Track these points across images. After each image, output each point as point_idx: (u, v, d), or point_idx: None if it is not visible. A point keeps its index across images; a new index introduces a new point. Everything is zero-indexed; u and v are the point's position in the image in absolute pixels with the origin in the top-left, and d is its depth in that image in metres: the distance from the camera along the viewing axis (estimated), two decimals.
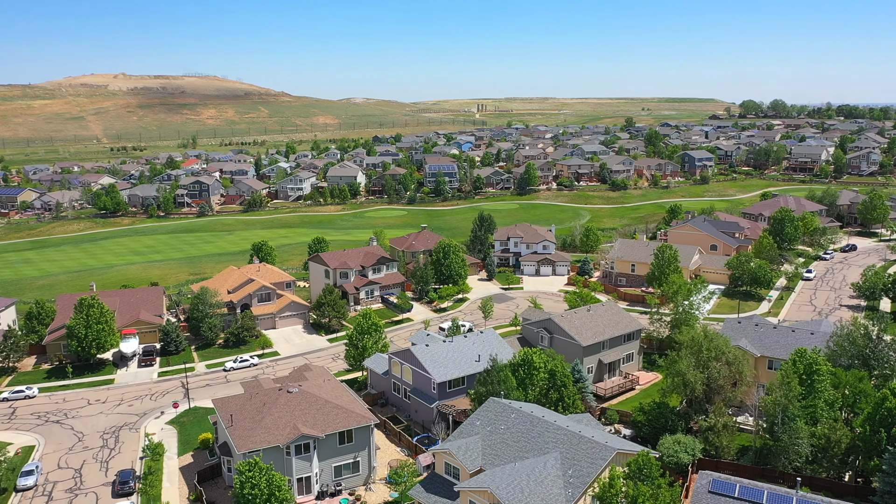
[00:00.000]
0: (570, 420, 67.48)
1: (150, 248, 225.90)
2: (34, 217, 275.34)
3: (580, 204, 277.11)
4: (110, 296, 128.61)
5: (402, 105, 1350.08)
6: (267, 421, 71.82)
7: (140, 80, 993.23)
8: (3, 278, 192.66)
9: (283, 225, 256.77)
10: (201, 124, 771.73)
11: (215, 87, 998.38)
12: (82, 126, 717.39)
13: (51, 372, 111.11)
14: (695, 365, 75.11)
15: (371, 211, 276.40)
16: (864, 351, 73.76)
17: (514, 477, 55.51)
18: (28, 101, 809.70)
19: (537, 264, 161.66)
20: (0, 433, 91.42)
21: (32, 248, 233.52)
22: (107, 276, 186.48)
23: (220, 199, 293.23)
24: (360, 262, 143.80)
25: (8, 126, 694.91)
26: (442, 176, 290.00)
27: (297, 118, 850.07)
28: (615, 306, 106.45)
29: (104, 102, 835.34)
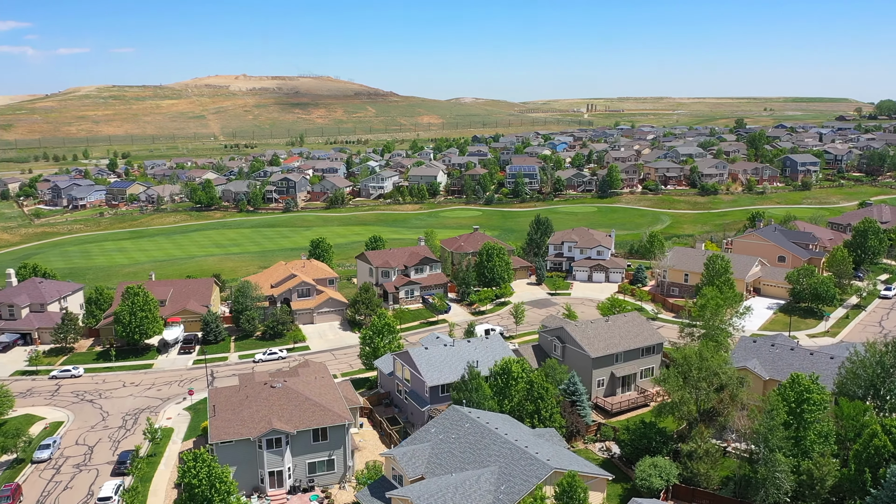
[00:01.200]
0: (531, 434, 65.26)
1: (232, 241, 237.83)
2: (138, 209, 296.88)
3: (663, 208, 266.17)
4: (164, 285, 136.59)
5: (510, 105, 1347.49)
6: (244, 413, 73.99)
7: (259, 81, 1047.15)
8: (97, 265, 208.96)
9: (359, 222, 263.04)
10: (311, 123, 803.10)
11: (327, 88, 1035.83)
12: (202, 124, 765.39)
13: (101, 354, 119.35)
14: (683, 385, 70.42)
15: (447, 211, 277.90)
16: (875, 381, 66.41)
17: (443, 489, 54.31)
18: (157, 100, 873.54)
19: (590, 270, 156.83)
20: (39, 408, 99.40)
21: (130, 237, 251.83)
22: (184, 266, 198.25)
23: (307, 195, 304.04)
24: (404, 262, 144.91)
25: (138, 124, 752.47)
26: (521, 177, 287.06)
27: (402, 117, 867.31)
28: (638, 318, 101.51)
29: (224, 102, 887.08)
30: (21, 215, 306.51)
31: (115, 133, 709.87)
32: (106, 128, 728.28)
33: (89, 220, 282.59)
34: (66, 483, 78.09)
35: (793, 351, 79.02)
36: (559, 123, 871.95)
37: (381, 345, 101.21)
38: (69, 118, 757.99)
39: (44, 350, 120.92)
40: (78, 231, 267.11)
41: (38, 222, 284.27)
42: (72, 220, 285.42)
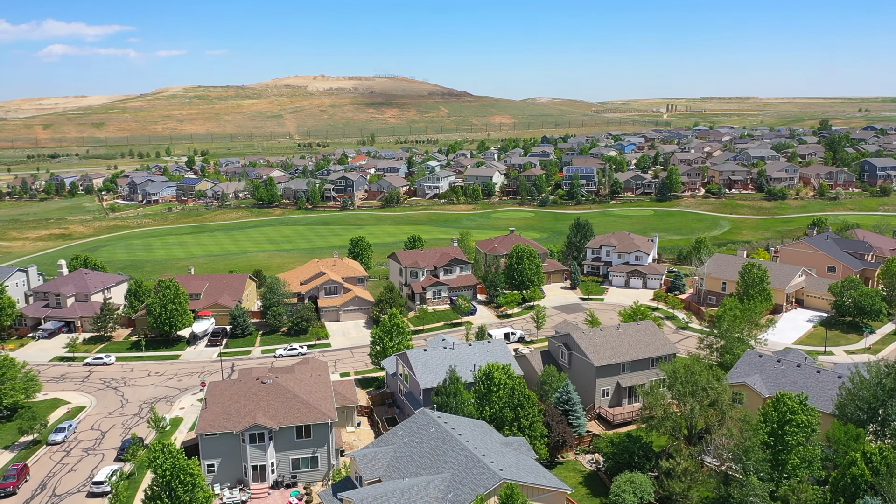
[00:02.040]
0: (499, 442, 64.05)
1: (286, 237, 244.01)
2: (203, 205, 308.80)
3: (724, 213, 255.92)
4: (201, 280, 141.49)
5: (587, 105, 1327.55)
6: (232, 408, 75.74)
7: (336, 81, 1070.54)
8: (156, 258, 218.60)
9: (410, 222, 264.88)
10: (383, 123, 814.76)
11: (402, 88, 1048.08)
12: (279, 124, 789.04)
13: (134, 344, 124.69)
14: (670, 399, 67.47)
15: (499, 211, 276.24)
16: (875, 404, 61.57)
17: (389, 493, 53.99)
18: (238, 100, 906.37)
19: (627, 275, 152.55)
20: (67, 393, 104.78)
21: (192, 232, 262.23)
22: (235, 261, 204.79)
23: (364, 194, 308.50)
24: (434, 263, 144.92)
25: (219, 123, 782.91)
26: (578, 179, 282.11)
27: (474, 117, 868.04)
28: (652, 327, 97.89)
29: (301, 102, 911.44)
30: (99, 209, 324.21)
31: (197, 131, 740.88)
32: (189, 126, 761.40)
33: (157, 215, 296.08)
34: (73, 466, 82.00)
35: (799, 368, 74.28)
36: (634, 124, 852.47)
37: (390, 345, 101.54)
38: (156, 117, 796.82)
39: (85, 338, 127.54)
40: (146, 225, 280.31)
41: (112, 216, 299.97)
42: (142, 214, 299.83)
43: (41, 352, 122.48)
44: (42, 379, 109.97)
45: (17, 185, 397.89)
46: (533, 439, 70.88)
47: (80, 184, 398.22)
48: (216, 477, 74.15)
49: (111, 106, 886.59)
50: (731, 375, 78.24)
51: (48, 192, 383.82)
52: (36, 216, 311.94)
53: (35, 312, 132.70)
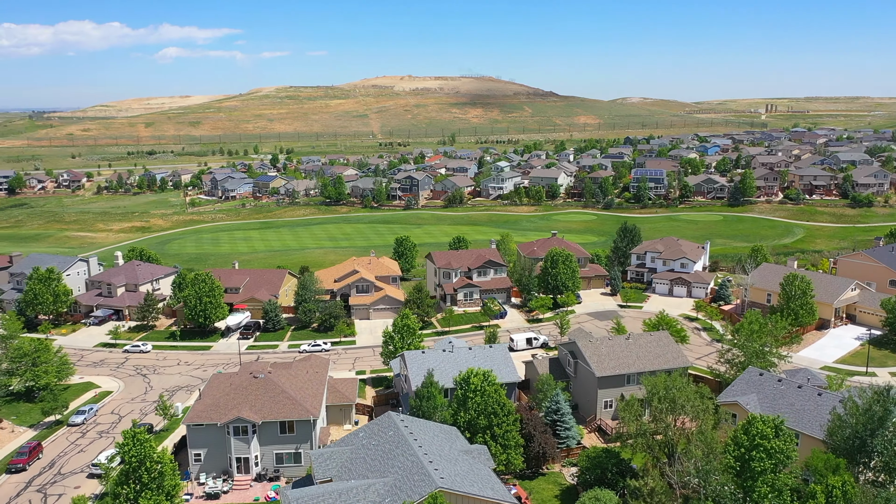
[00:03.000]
0: (459, 450, 63.02)
1: (346, 235, 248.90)
2: (275, 202, 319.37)
3: (800, 220, 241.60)
4: (242, 274, 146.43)
5: (680, 105, 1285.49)
6: (221, 400, 77.98)
7: (422, 82, 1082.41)
8: (220, 251, 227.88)
9: (469, 222, 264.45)
10: (466, 123, 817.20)
11: (487, 88, 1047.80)
12: (364, 123, 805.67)
13: (173, 333, 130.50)
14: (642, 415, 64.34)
15: (561, 214, 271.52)
16: (862, 433, 56.34)
17: (326, 495, 54.16)
18: (327, 100, 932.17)
19: (670, 283, 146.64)
20: (100, 377, 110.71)
21: (260, 227, 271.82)
22: (292, 256, 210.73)
23: (430, 194, 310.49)
24: (468, 264, 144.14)
25: (306, 122, 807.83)
26: (645, 181, 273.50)
27: (558, 118, 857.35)
28: (665, 338, 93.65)
29: (387, 102, 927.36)
30: (182, 204, 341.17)
31: (285, 130, 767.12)
32: (279, 125, 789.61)
33: (231, 211, 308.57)
34: (84, 447, 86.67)
35: (800, 389, 68.99)
36: (727, 125, 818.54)
37: (399, 345, 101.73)
38: (248, 116, 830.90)
39: (130, 326, 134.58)
40: (220, 220, 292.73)
41: (191, 210, 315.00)
42: (217, 209, 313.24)
43: (88, 337, 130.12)
44: (82, 363, 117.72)
45: (114, 180, 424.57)
46: (506, 448, 69.38)
47: (170, 179, 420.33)
48: (202, 466, 76.55)
49: (208, 105, 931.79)
50: (727, 393, 73.79)
51: (140, 187, 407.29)
52: (125, 209, 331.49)
53: (88, 300, 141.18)
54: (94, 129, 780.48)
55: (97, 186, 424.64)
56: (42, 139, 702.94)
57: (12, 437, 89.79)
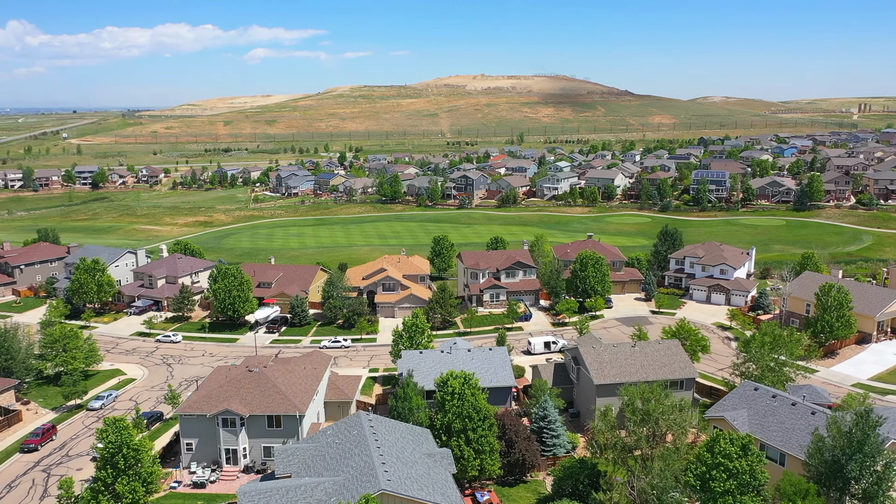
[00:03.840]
0: (422, 452, 62.41)
1: (395, 233, 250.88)
2: (332, 199, 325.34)
3: (870, 227, 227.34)
4: (276, 269, 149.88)
5: (765, 104, 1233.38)
6: (215, 392, 79.94)
7: (494, 81, 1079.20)
8: (272, 246, 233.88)
9: (520, 222, 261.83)
10: (536, 122, 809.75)
11: (560, 87, 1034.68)
12: (434, 122, 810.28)
13: (205, 325, 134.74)
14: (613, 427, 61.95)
15: (615, 216, 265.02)
16: (839, 456, 52.17)
17: (275, 491, 54.68)
18: (399, 99, 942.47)
19: (708, 290, 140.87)
20: (128, 365, 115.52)
21: (314, 224, 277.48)
22: (338, 253, 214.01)
23: (485, 193, 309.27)
24: (497, 265, 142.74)
25: (377, 120, 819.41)
26: (705, 184, 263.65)
27: (632, 117, 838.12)
28: (675, 347, 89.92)
29: (458, 101, 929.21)
30: (247, 200, 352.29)
31: (356, 129, 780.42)
32: (350, 124, 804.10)
33: (290, 207, 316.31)
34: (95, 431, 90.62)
35: (793, 407, 64.66)
36: (813, 125, 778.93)
37: (406, 344, 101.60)
38: (322, 115, 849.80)
39: (167, 316, 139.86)
40: (278, 216, 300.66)
41: (253, 206, 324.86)
42: (278, 206, 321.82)
43: (127, 326, 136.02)
44: (116, 351, 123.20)
45: (188, 176, 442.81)
46: (480, 454, 68.21)
47: (240, 176, 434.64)
48: (194, 455, 78.68)
49: (284, 105, 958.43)
50: (717, 407, 70.09)
51: (212, 183, 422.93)
52: (193, 204, 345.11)
53: (131, 291, 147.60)
54: (176, 127, 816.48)
55: (173, 182, 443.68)
56: (129, 136, 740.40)
57: (34, 419, 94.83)
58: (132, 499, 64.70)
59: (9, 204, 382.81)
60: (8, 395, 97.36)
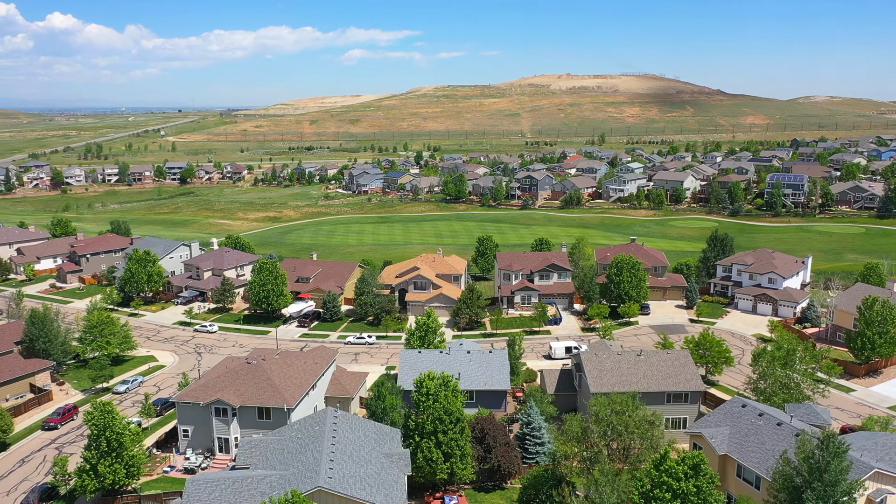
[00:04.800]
0: (380, 452, 62.19)
1: (453, 232, 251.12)
2: (398, 197, 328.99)
3: None
4: (316, 265, 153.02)
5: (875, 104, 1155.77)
6: (212, 382, 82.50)
7: (579, 80, 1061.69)
8: (330, 242, 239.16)
9: (580, 224, 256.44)
10: (620, 122, 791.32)
11: (648, 86, 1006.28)
12: (515, 122, 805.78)
13: (242, 317, 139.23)
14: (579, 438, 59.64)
15: (680, 220, 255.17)
16: (801, 483, 47.94)
17: (221, 482, 55.85)
18: (482, 99, 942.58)
19: (754, 299, 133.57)
20: (162, 352, 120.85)
21: (376, 222, 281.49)
22: (391, 251, 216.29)
23: (549, 194, 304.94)
24: (530, 267, 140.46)
25: (458, 120, 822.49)
26: (779, 188, 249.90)
27: (722, 118, 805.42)
28: (684, 358, 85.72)
29: (541, 101, 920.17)
30: (319, 196, 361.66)
31: (437, 129, 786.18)
32: (431, 124, 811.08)
33: (357, 205, 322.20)
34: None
35: (778, 427, 60.11)
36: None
37: (416, 343, 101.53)
38: (404, 115, 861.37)
39: (209, 307, 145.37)
40: (344, 213, 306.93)
41: (322, 203, 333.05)
42: (345, 203, 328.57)
43: (171, 315, 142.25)
44: (156, 338, 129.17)
45: (269, 173, 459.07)
46: (450, 457, 67.26)
47: (317, 174, 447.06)
48: (189, 442, 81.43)
49: (369, 104, 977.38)
50: (699, 423, 66.19)
51: (290, 180, 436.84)
52: (268, 200, 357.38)
53: (180, 282, 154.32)
54: (265, 125, 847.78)
55: (254, 178, 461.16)
56: (220, 135, 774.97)
57: (63, 399, 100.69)
58: (112, 479, 67.57)
59: (104, 197, 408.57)
60: (44, 376, 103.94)
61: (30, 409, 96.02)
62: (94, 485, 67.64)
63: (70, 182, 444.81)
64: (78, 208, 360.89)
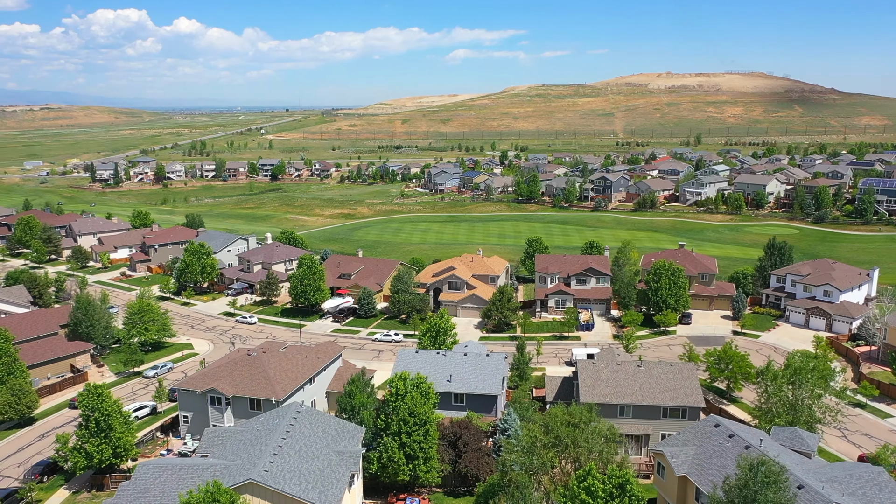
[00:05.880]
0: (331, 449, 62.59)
1: (516, 233, 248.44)
2: (471, 197, 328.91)
3: None
4: (359, 262, 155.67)
5: None
6: (211, 371, 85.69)
7: (680, 79, 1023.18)
8: (393, 240, 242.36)
9: (649, 228, 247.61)
10: (720, 122, 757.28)
11: (753, 85, 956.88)
12: (608, 122, 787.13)
13: (284, 311, 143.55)
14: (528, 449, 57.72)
15: (757, 225, 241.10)
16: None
17: (168, 467, 57.85)
18: (576, 98, 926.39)
19: (806, 312, 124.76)
20: (198, 340, 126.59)
21: (444, 221, 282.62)
22: (448, 250, 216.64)
23: (623, 196, 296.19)
24: (568, 270, 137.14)
25: (549, 120, 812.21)
26: (871, 194, 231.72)
27: (834, 118, 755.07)
28: (687, 372, 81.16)
29: (637, 100, 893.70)
30: (396, 195, 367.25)
31: (527, 128, 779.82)
32: (522, 123, 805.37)
33: (429, 203, 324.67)
34: (139, 396, 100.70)
35: (746, 451, 55.65)
36: None
37: (426, 343, 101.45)
38: (495, 114, 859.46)
39: (256, 300, 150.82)
40: (415, 211, 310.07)
41: (397, 201, 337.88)
42: (418, 201, 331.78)
43: (219, 306, 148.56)
44: (199, 327, 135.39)
45: (354, 171, 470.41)
46: (412, 459, 66.83)
47: (400, 172, 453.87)
48: (189, 427, 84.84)
49: (461, 104, 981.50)
50: (666, 441, 62.28)
51: (374, 178, 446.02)
52: (348, 198, 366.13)
53: (232, 274, 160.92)
54: (358, 124, 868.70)
55: (341, 176, 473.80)
56: (316, 133, 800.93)
57: (98, 380, 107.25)
58: (100, 459, 71.45)
59: (200, 192, 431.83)
60: (84, 358, 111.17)
61: (65, 387, 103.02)
62: (84, 462, 71.75)
63: (171, 177, 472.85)
64: (174, 202, 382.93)
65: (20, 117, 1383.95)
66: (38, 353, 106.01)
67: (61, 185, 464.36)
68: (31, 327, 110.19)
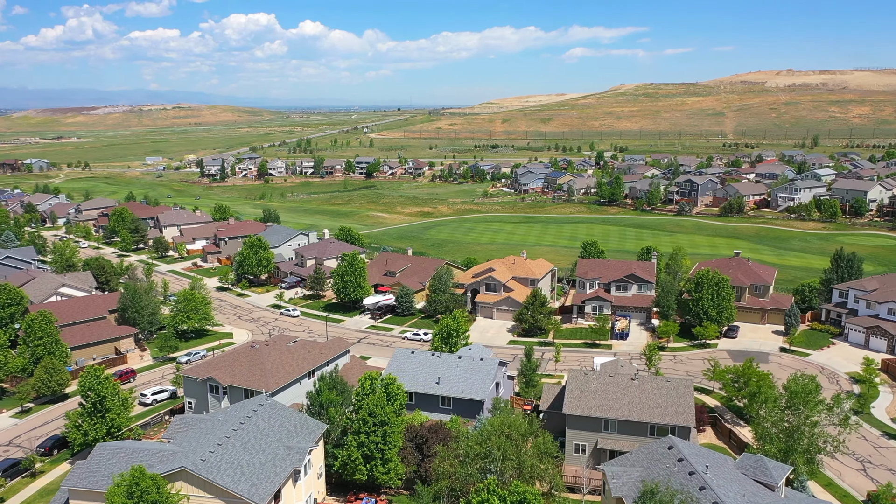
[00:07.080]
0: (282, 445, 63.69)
1: (588, 235, 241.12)
2: (551, 198, 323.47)
3: None
4: (406, 260, 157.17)
5: None
6: (215, 361, 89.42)
7: (801, 77, 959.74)
8: (462, 239, 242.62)
9: (729, 234, 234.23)
10: (844, 123, 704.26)
11: (885, 82, 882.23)
12: (717, 122, 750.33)
13: (329, 306, 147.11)
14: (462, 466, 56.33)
15: (852, 235, 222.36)
16: None
17: (126, 450, 60.99)
18: (684, 98, 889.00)
19: (866, 332, 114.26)
20: (239, 330, 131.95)
21: (519, 221, 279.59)
22: (511, 250, 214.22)
23: (710, 200, 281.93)
24: (609, 276, 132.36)
25: (654, 119, 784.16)
26: None
27: None
28: (682, 388, 76.25)
29: (751, 99, 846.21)
30: (480, 194, 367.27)
31: (630, 128, 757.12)
32: (625, 123, 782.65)
33: (508, 203, 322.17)
34: (168, 380, 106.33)
35: (691, 476, 51.35)
36: None
37: (437, 344, 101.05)
38: (598, 114, 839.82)
39: (305, 293, 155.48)
40: (493, 211, 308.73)
41: (478, 201, 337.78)
42: (498, 201, 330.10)
43: (270, 298, 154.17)
44: (246, 317, 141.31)
45: (446, 170, 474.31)
46: (370, 460, 66.82)
47: (489, 172, 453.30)
48: (192, 413, 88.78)
49: (564, 103, 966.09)
50: (614, 461, 58.55)
51: (464, 178, 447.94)
52: (434, 196, 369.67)
53: (287, 268, 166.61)
54: (459, 123, 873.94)
55: (433, 175, 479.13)
56: (416, 132, 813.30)
57: (137, 363, 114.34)
58: (94, 436, 76.18)
59: (298, 188, 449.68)
60: (128, 341, 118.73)
61: (107, 368, 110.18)
62: (81, 439, 76.75)
63: (272, 173, 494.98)
64: (272, 197, 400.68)
65: (154, 116, 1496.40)
66: (86, 335, 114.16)
67: (174, 179, 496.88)
68: (83, 311, 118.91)
